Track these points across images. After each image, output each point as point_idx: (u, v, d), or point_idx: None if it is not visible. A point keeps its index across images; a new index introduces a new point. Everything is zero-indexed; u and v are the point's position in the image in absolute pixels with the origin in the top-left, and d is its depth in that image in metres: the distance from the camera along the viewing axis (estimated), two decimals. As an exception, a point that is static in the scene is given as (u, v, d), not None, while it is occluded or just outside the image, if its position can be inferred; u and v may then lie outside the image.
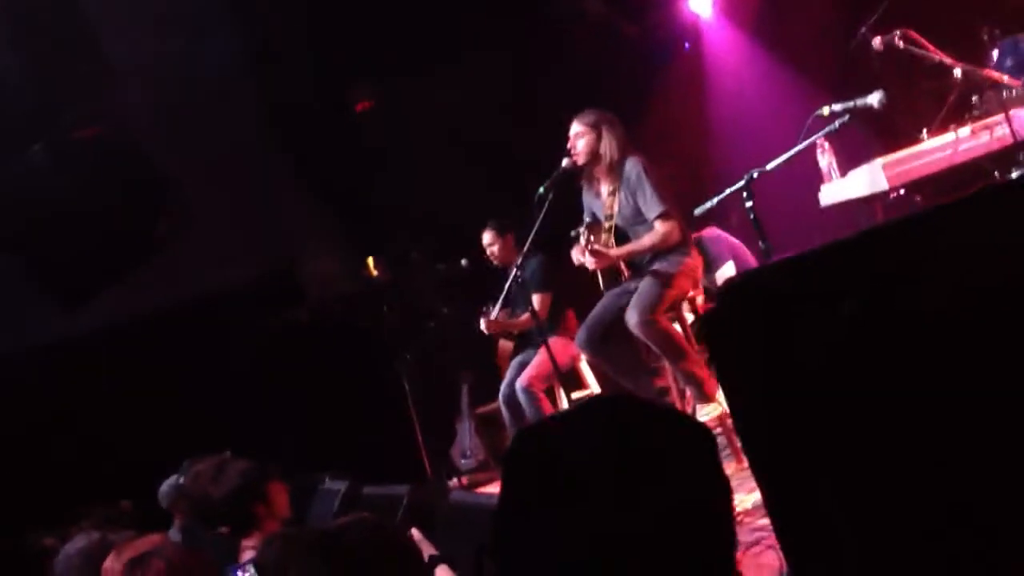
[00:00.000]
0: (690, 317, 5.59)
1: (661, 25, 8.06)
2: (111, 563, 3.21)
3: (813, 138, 4.83)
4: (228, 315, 7.79)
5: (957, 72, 5.60)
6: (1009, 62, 5.58)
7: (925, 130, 5.59)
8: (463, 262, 7.14)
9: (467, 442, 7.72)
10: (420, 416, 7.40)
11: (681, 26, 8.06)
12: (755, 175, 4.77)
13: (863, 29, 5.88)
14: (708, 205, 5.01)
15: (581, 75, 7.59)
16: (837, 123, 4.68)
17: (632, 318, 5.29)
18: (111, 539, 4.03)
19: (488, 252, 7.00)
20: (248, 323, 7.76)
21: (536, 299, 6.69)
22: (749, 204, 4.72)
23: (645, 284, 5.37)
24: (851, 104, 4.66)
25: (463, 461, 7.71)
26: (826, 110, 4.75)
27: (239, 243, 7.98)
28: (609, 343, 5.55)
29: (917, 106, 6.46)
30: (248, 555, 3.92)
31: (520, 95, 7.86)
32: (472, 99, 7.80)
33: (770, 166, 4.76)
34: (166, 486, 5.61)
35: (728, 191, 4.85)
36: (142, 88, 7.51)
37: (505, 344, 7.26)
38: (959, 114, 5.66)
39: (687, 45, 8.07)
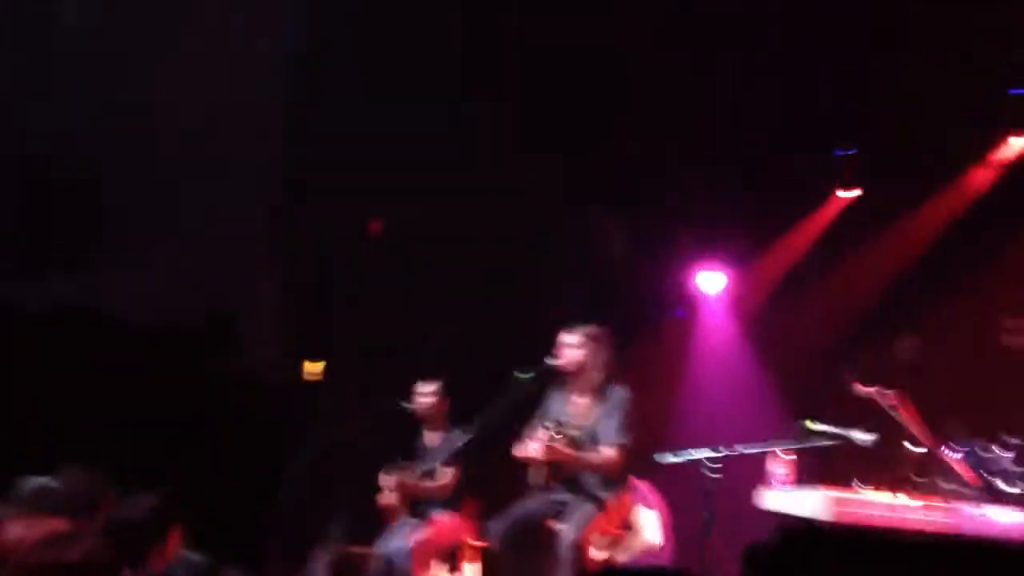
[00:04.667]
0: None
1: (664, 284, 8.43)
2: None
3: (791, 444, 5.02)
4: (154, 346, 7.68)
5: (917, 449, 5.92)
6: (963, 458, 5.89)
7: (856, 480, 5.82)
8: (403, 404, 7.10)
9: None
10: (285, 529, 7.20)
11: (681, 295, 8.45)
12: (726, 452, 4.93)
13: (848, 376, 6.20)
14: (672, 459, 5.15)
15: (584, 290, 7.88)
16: (825, 443, 4.87)
17: (569, 534, 5.51)
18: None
19: (417, 400, 7.01)
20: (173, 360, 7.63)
21: (446, 471, 6.75)
22: (715, 476, 4.87)
23: (583, 505, 5.60)
24: (844, 432, 4.87)
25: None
26: (816, 425, 4.95)
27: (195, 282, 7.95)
28: (521, 542, 5.62)
29: (853, 453, 6.73)
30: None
31: (519, 277, 8.08)
32: (480, 254, 8.02)
33: (745, 450, 4.93)
34: (35, 484, 5.27)
35: (698, 456, 4.99)
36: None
37: (393, 505, 7.15)
38: (895, 481, 5.94)
39: (680, 312, 8.43)
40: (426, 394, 7.01)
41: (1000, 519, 5.46)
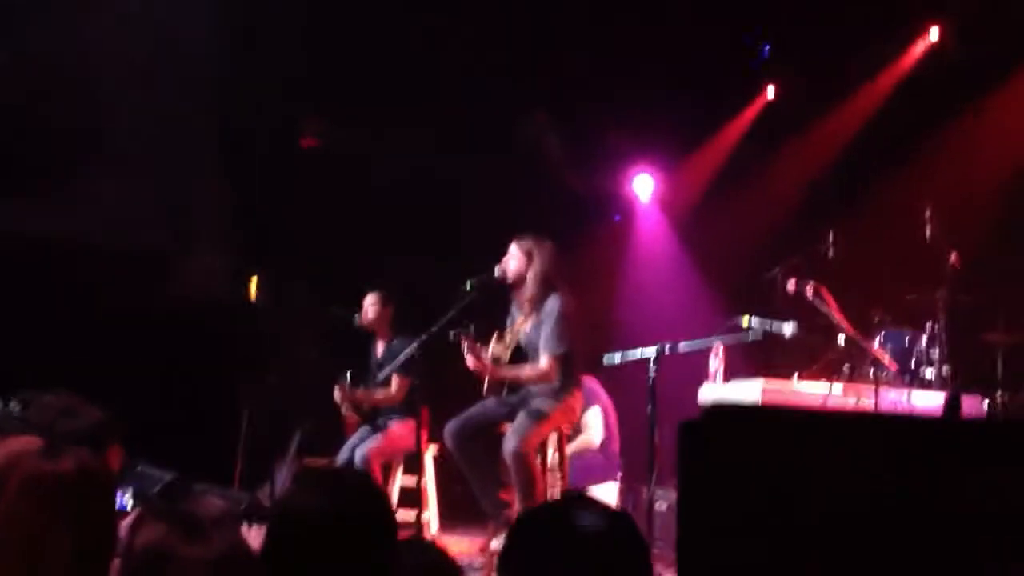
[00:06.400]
0: (551, 452, 5.97)
1: (602, 190, 8.66)
2: None
3: (728, 339, 5.36)
4: (104, 269, 7.73)
5: (841, 338, 6.30)
6: (889, 347, 6.32)
7: (797, 373, 6.23)
8: (356, 317, 7.29)
9: (280, 487, 7.68)
10: (246, 447, 7.39)
11: (618, 199, 8.70)
12: (666, 349, 5.25)
13: (777, 269, 6.55)
14: (616, 360, 5.45)
15: (517, 196, 8.07)
16: (751, 336, 5.22)
17: (508, 445, 5.63)
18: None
19: (363, 312, 7.22)
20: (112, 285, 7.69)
21: (395, 380, 6.97)
22: (653, 373, 5.19)
23: (524, 416, 5.72)
24: (768, 325, 5.22)
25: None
26: (746, 320, 5.29)
27: (139, 204, 7.98)
28: (474, 443, 5.85)
29: (791, 347, 7.12)
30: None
31: (455, 182, 8.26)
32: (416, 168, 8.15)
33: (683, 347, 5.25)
34: None
35: (639, 354, 5.29)
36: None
37: (351, 416, 7.36)
38: (828, 370, 6.35)
39: (617, 217, 8.70)
40: (370, 304, 7.22)
41: (920, 402, 5.90)
